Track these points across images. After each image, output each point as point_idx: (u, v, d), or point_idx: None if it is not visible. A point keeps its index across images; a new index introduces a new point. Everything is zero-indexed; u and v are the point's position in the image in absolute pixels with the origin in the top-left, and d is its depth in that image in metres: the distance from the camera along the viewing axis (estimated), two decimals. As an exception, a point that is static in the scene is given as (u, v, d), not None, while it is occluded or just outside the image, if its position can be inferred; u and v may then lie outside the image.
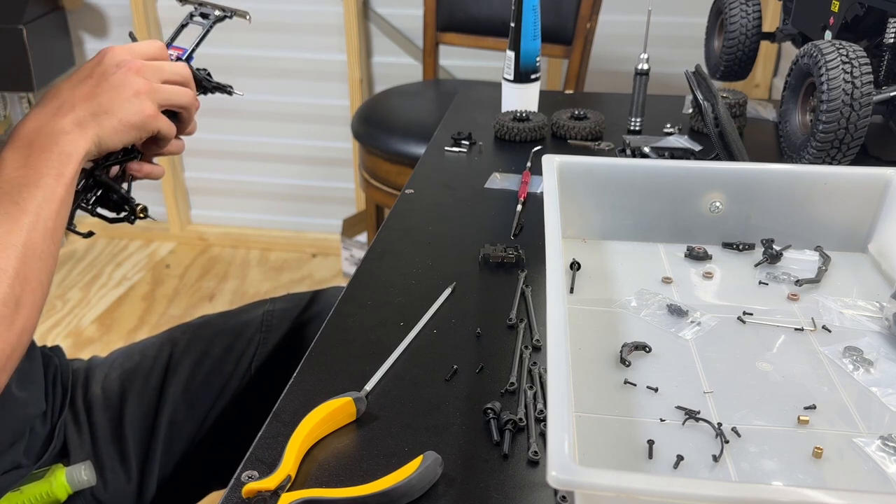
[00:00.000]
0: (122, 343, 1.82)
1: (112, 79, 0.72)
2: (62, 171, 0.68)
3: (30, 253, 0.65)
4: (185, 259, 2.66)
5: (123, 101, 0.72)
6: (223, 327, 1.04)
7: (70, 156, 0.69)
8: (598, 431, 0.61)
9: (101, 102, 0.71)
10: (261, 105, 2.50)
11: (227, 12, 0.86)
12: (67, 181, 0.68)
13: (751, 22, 1.31)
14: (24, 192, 0.66)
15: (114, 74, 0.72)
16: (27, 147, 0.68)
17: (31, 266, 0.65)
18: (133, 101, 0.72)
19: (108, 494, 0.90)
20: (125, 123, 0.72)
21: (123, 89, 0.72)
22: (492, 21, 2.06)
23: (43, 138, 0.68)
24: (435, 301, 0.80)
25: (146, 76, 0.74)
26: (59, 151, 0.68)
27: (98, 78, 0.72)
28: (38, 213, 0.66)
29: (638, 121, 1.24)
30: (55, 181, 0.67)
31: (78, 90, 0.72)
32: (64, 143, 0.69)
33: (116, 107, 0.72)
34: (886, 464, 0.58)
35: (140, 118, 0.73)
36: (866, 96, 0.95)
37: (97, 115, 0.71)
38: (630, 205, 0.86)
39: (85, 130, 0.70)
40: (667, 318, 0.75)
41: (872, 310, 0.76)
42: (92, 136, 0.70)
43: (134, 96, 0.72)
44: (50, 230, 0.67)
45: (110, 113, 0.71)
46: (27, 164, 0.67)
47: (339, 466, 0.59)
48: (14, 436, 0.83)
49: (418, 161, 1.16)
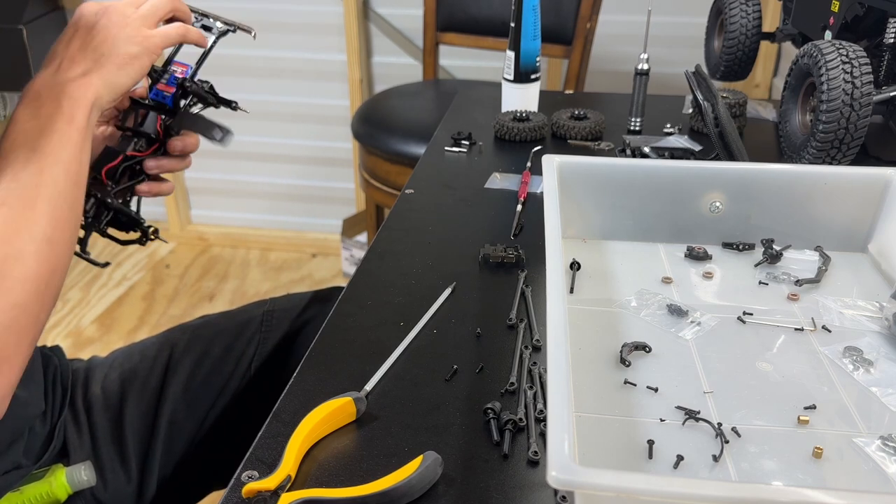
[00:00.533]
0: (122, 343, 1.81)
1: (98, 25, 0.75)
2: (73, 115, 0.71)
3: (54, 193, 0.68)
4: (185, 259, 2.66)
5: (116, 38, 0.75)
6: (223, 327, 1.04)
7: (78, 100, 0.71)
8: (598, 431, 0.61)
9: (96, 47, 0.74)
10: (261, 105, 2.50)
11: (230, 26, 0.86)
12: (80, 125, 0.71)
13: (751, 22, 1.31)
14: (41, 139, 0.69)
15: (98, 20, 0.75)
16: (36, 100, 0.71)
17: (57, 206, 0.68)
18: (124, 35, 0.75)
19: (108, 494, 0.90)
20: (125, 56, 0.75)
21: (111, 28, 0.75)
22: (492, 21, 2.06)
23: (49, 90, 0.71)
24: (435, 301, 0.80)
25: (125, 12, 0.77)
26: (67, 99, 0.71)
27: (84, 29, 0.75)
28: (57, 155, 0.69)
29: (638, 121, 1.24)
30: (67, 125, 0.70)
31: (72, 45, 0.75)
32: (71, 90, 0.71)
33: (111, 45, 0.75)
34: (886, 464, 0.58)
35: (137, 46, 0.76)
36: (866, 96, 0.95)
37: (97, 60, 0.74)
38: (630, 205, 0.86)
39: (90, 77, 0.73)
40: (667, 318, 0.75)
41: (872, 310, 0.76)
42: (98, 81, 0.73)
43: (123, 30, 0.75)
44: (72, 173, 0.70)
45: (108, 53, 0.74)
46: (38, 115, 0.70)
47: (339, 466, 0.59)
48: (13, 435, 0.83)
49: (418, 161, 1.16)
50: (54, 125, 0.69)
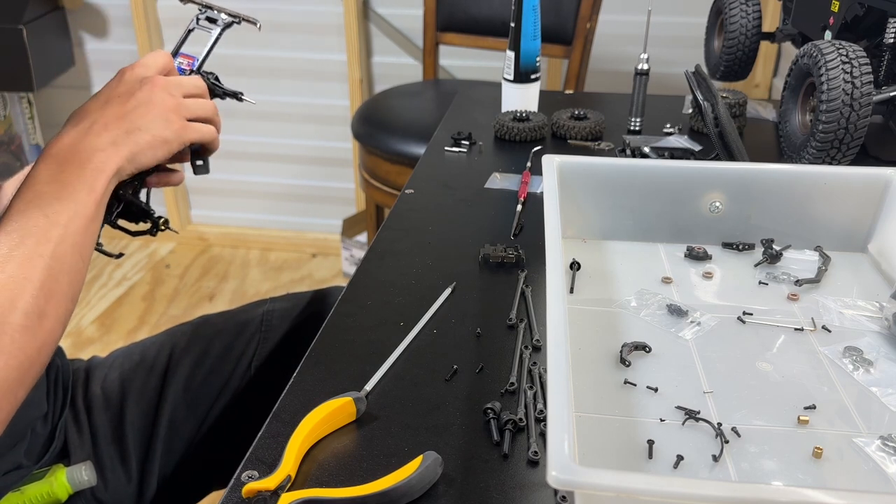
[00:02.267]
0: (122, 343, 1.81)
1: (139, 95, 0.73)
2: (94, 187, 0.69)
3: (57, 266, 0.65)
4: (185, 259, 2.66)
5: (154, 118, 0.73)
6: (223, 327, 1.04)
7: (102, 172, 0.69)
8: (598, 431, 0.61)
9: (133, 119, 0.72)
10: (261, 105, 2.50)
11: (235, 18, 0.85)
12: (98, 197, 0.69)
13: (751, 22, 1.31)
14: (56, 206, 0.66)
15: (139, 90, 0.74)
16: (60, 163, 0.69)
17: (58, 280, 0.64)
18: (163, 117, 0.74)
19: (109, 494, 0.90)
20: (158, 138, 0.74)
21: (152, 106, 0.73)
22: (492, 21, 2.06)
23: (76, 155, 0.69)
24: (435, 301, 0.80)
25: (171, 92, 0.75)
26: (91, 168, 0.69)
27: (124, 96, 0.73)
28: (68, 226, 0.66)
29: (638, 121, 1.24)
30: (87, 196, 0.68)
31: (108, 110, 0.72)
32: (97, 159, 0.69)
33: (148, 123, 0.73)
34: (886, 464, 0.58)
35: (172, 132, 0.74)
36: (866, 96, 0.95)
37: (130, 133, 0.72)
38: (630, 205, 0.86)
39: (119, 148, 0.71)
40: (667, 318, 0.75)
41: (872, 310, 0.76)
42: (126, 154, 0.71)
43: (162, 111, 0.74)
44: (79, 245, 0.67)
45: (143, 129, 0.73)
46: (59, 179, 0.67)
47: (339, 466, 0.59)
48: (16, 437, 0.83)
49: (418, 161, 1.16)
50: (73, 193, 0.67)
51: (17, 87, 2.34)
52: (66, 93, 2.63)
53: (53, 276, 0.64)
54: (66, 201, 0.67)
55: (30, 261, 0.63)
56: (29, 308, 0.61)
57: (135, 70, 0.76)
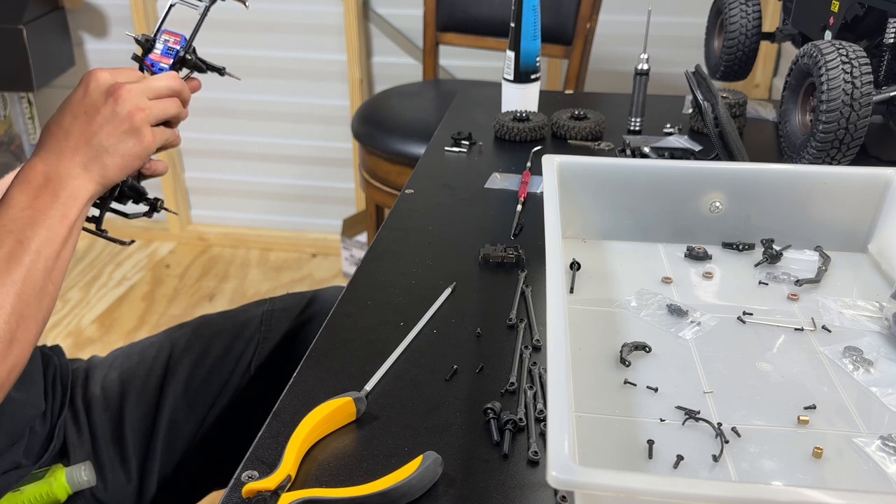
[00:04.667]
0: (122, 343, 1.81)
1: (104, 111, 0.73)
2: (66, 213, 0.70)
3: (28, 291, 0.66)
4: (185, 259, 2.66)
5: (121, 135, 0.73)
6: (223, 327, 1.04)
7: (76, 199, 0.71)
8: (598, 431, 0.61)
9: (101, 140, 0.72)
10: (261, 105, 2.50)
11: None
12: (71, 222, 0.70)
13: (751, 22, 1.31)
14: (28, 231, 0.67)
15: (104, 106, 0.73)
16: (35, 189, 0.70)
17: (28, 304, 0.66)
18: (129, 133, 0.74)
19: (108, 494, 0.90)
20: (127, 157, 0.74)
21: (118, 122, 0.73)
22: (492, 21, 2.06)
23: (49, 182, 0.70)
24: (435, 301, 0.80)
25: (135, 101, 0.74)
26: (65, 196, 0.70)
27: (90, 112, 0.73)
28: (40, 251, 0.67)
29: (638, 121, 1.24)
30: (59, 222, 0.69)
31: (74, 128, 0.73)
32: (71, 187, 0.71)
33: (115, 142, 0.73)
34: (886, 464, 0.58)
35: (140, 147, 0.74)
36: (866, 96, 0.95)
37: (99, 156, 0.72)
38: (630, 205, 0.86)
39: (90, 173, 0.72)
40: (667, 318, 0.75)
41: (872, 310, 0.76)
42: (97, 178, 0.73)
43: (129, 127, 0.73)
44: (50, 269, 0.68)
45: (111, 151, 0.73)
46: (33, 206, 0.69)
47: (339, 466, 0.59)
48: (13, 437, 0.83)
49: (418, 161, 1.16)
50: (46, 220, 0.68)
51: (17, 87, 2.34)
52: (66, 93, 2.60)
53: (24, 301, 0.66)
54: (39, 227, 0.68)
55: (1, 287, 0.65)
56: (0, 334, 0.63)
57: (99, 79, 0.74)
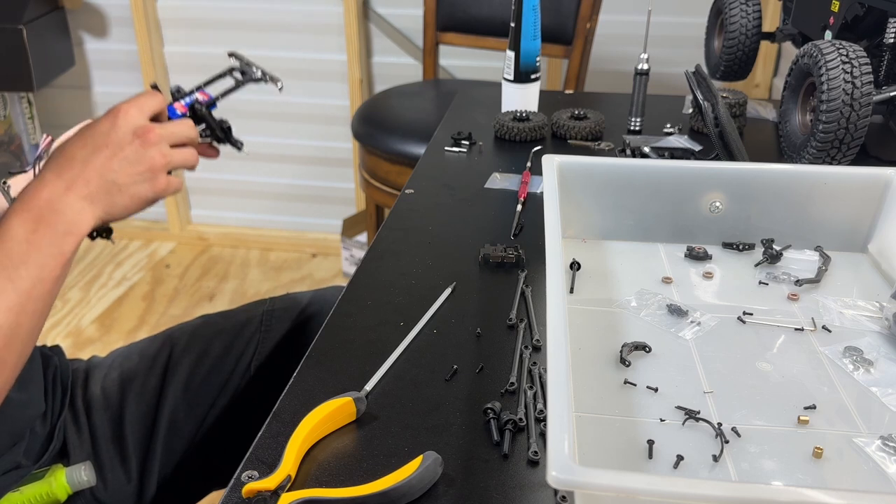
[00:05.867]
0: (122, 343, 1.81)
1: (128, 150, 0.72)
2: (63, 250, 0.69)
3: (13, 332, 0.66)
4: (185, 259, 2.66)
5: (137, 177, 0.73)
6: (223, 327, 1.04)
7: (75, 235, 0.70)
8: (598, 431, 0.61)
9: (116, 179, 0.72)
10: (261, 105, 2.50)
11: (265, 76, 0.85)
12: (66, 259, 0.69)
13: (751, 22, 1.31)
14: (22, 270, 0.66)
15: (129, 145, 0.72)
16: (35, 221, 0.68)
17: (11, 343, 0.66)
18: (147, 177, 0.73)
19: (108, 494, 0.90)
20: (136, 198, 0.73)
21: (138, 164, 0.73)
22: (492, 21, 2.06)
23: (51, 215, 0.69)
24: (435, 301, 0.80)
25: (160, 147, 0.74)
26: (64, 231, 0.69)
27: (114, 147, 0.72)
28: (31, 293, 0.67)
29: (638, 121, 1.24)
30: (54, 260, 0.68)
31: (92, 162, 0.71)
32: (71, 220, 0.69)
33: (130, 183, 0.72)
34: (886, 464, 0.58)
35: (152, 193, 0.74)
36: (866, 96, 0.95)
37: (109, 192, 0.72)
38: (630, 205, 0.86)
39: (94, 207, 0.71)
40: (667, 318, 0.75)
41: (872, 310, 0.76)
42: (100, 213, 0.72)
43: (148, 171, 0.73)
44: (39, 311, 0.68)
45: (123, 189, 0.72)
46: (30, 240, 0.67)
47: (339, 466, 0.59)
48: (14, 437, 0.83)
49: (418, 161, 1.16)
50: (40, 258, 0.67)
51: (17, 87, 2.34)
52: (66, 93, 2.63)
53: (8, 342, 0.65)
54: (32, 266, 0.67)
55: None
56: None
57: (129, 116, 0.73)
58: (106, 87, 2.61)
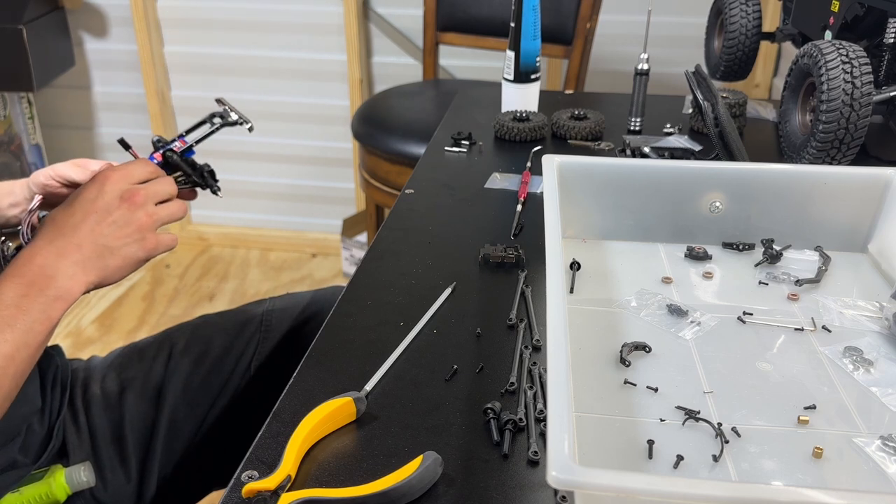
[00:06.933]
0: (122, 343, 1.81)
1: (115, 215, 0.74)
2: (50, 315, 0.69)
3: None
4: (185, 259, 2.66)
5: (127, 239, 0.74)
6: (222, 327, 1.04)
7: (63, 300, 0.70)
8: (598, 431, 0.61)
9: (107, 243, 0.73)
10: (261, 105, 2.50)
11: (240, 120, 0.89)
12: (53, 323, 0.70)
13: (751, 22, 1.31)
14: (7, 334, 0.66)
15: (116, 210, 0.74)
16: (26, 286, 0.69)
17: None
18: (136, 238, 0.74)
19: (108, 495, 0.90)
20: (129, 260, 0.74)
21: (127, 227, 0.74)
22: (492, 21, 2.06)
23: (42, 280, 0.69)
24: (435, 301, 0.80)
25: (146, 208, 0.75)
26: (54, 295, 0.69)
27: (102, 213, 0.73)
28: (13, 356, 0.67)
29: (638, 121, 1.24)
30: (40, 325, 0.68)
31: (83, 227, 0.72)
32: (62, 286, 0.70)
33: (120, 245, 0.74)
34: (886, 464, 0.58)
35: (144, 252, 0.75)
36: (866, 96, 0.95)
37: (101, 256, 0.72)
38: (630, 205, 0.86)
39: (87, 272, 0.72)
40: (667, 318, 0.75)
41: (872, 310, 0.76)
42: (92, 278, 0.72)
43: (137, 232, 0.74)
44: (20, 373, 0.68)
45: (115, 253, 0.73)
46: (19, 305, 0.68)
47: (339, 466, 0.59)
48: (9, 435, 0.83)
49: (418, 161, 1.16)
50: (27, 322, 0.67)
51: (17, 87, 2.34)
52: (66, 93, 2.63)
53: None
54: (17, 331, 0.67)
55: None
56: None
57: (114, 181, 0.75)
58: (106, 87, 2.61)
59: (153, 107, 2.53)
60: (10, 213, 0.90)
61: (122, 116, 2.65)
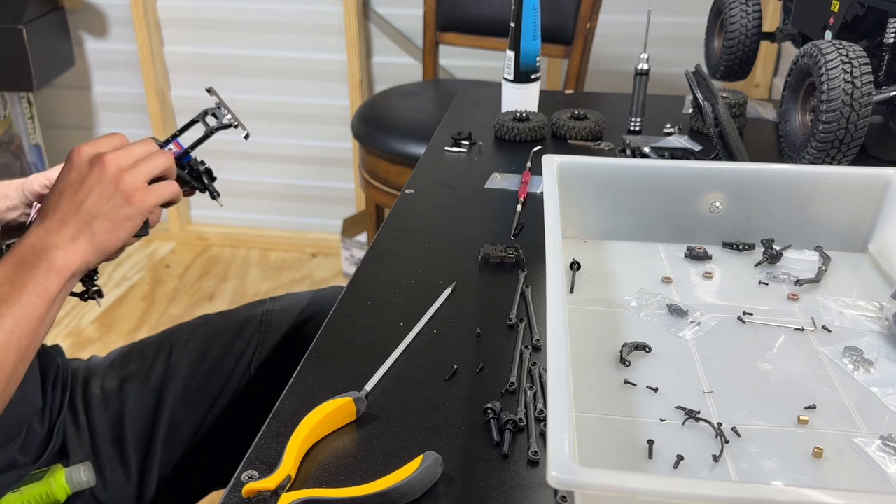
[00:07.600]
0: (122, 343, 1.81)
1: (89, 179, 0.71)
2: (47, 288, 0.68)
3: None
4: (185, 259, 2.66)
5: (108, 199, 0.71)
6: (222, 327, 1.04)
7: (59, 271, 0.69)
8: (598, 431, 0.61)
9: (88, 209, 0.71)
10: (261, 105, 2.50)
11: (234, 122, 0.85)
12: (51, 297, 0.69)
13: (751, 22, 1.31)
14: (3, 309, 0.66)
15: (89, 175, 0.72)
16: (17, 263, 0.68)
17: None
18: (118, 196, 0.72)
19: (108, 495, 0.90)
20: (117, 220, 0.72)
21: (105, 186, 0.71)
22: (492, 21, 2.06)
23: (34, 256, 0.69)
24: (435, 301, 0.80)
25: (121, 164, 0.72)
26: (47, 267, 0.68)
27: (76, 184, 0.72)
28: (13, 331, 0.66)
29: (638, 121, 1.24)
30: (38, 297, 0.68)
31: (62, 202, 0.71)
32: (54, 258, 0.69)
33: (104, 207, 0.71)
34: (886, 464, 0.58)
35: (131, 209, 0.72)
36: (866, 96, 0.95)
37: (87, 224, 0.71)
38: (630, 205, 0.86)
39: (78, 243, 0.70)
40: (667, 318, 0.75)
41: (872, 310, 0.76)
42: (86, 248, 0.71)
43: (117, 188, 0.71)
44: (24, 348, 0.67)
45: (100, 216, 0.71)
46: (13, 281, 0.67)
47: (339, 466, 0.59)
48: (9, 434, 0.83)
49: (418, 161, 1.16)
50: (23, 296, 0.67)
51: (17, 87, 2.34)
52: (66, 93, 2.63)
53: None
54: (14, 305, 0.66)
55: None
56: None
57: (82, 151, 0.73)
58: (106, 87, 2.61)
59: (153, 107, 2.53)
60: (8, 216, 0.90)
61: (122, 116, 2.65)
